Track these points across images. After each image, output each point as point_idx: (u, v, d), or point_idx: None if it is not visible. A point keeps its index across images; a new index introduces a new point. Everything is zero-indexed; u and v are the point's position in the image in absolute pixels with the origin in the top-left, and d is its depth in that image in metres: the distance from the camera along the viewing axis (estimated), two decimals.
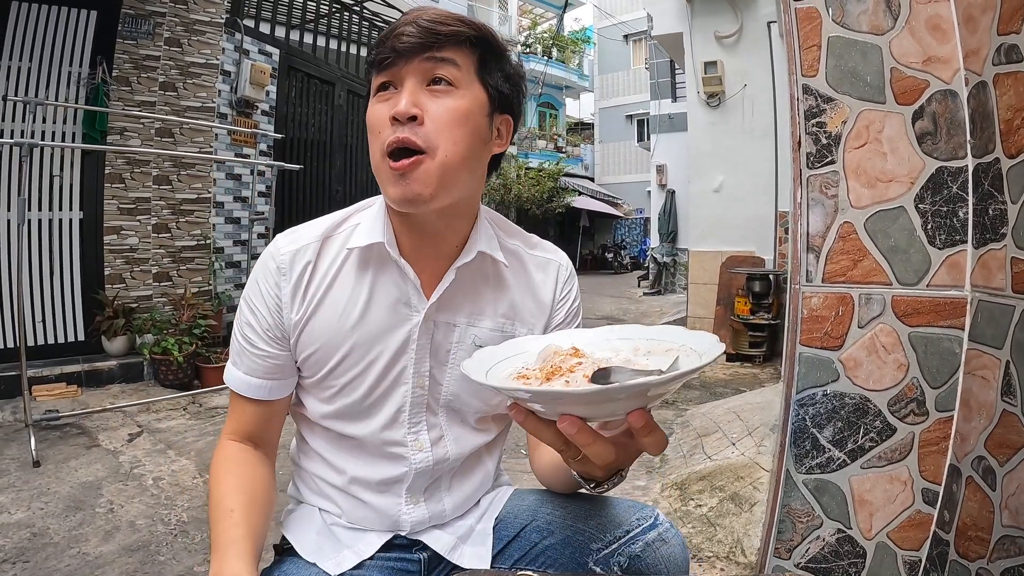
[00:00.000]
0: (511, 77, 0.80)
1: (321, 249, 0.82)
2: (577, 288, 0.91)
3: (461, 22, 0.75)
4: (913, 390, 1.17)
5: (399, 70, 0.74)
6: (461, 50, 0.75)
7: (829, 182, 1.18)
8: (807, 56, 1.18)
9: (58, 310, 4.06)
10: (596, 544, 0.80)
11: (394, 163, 0.71)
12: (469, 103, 0.74)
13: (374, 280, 0.81)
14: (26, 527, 2.08)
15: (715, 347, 0.59)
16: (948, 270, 1.14)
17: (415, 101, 0.72)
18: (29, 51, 3.80)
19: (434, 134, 0.71)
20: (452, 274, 0.80)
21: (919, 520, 1.20)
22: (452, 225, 0.80)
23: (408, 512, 0.84)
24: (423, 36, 0.72)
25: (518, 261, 0.88)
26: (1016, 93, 0.99)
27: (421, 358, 0.81)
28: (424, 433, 0.83)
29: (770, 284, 5.13)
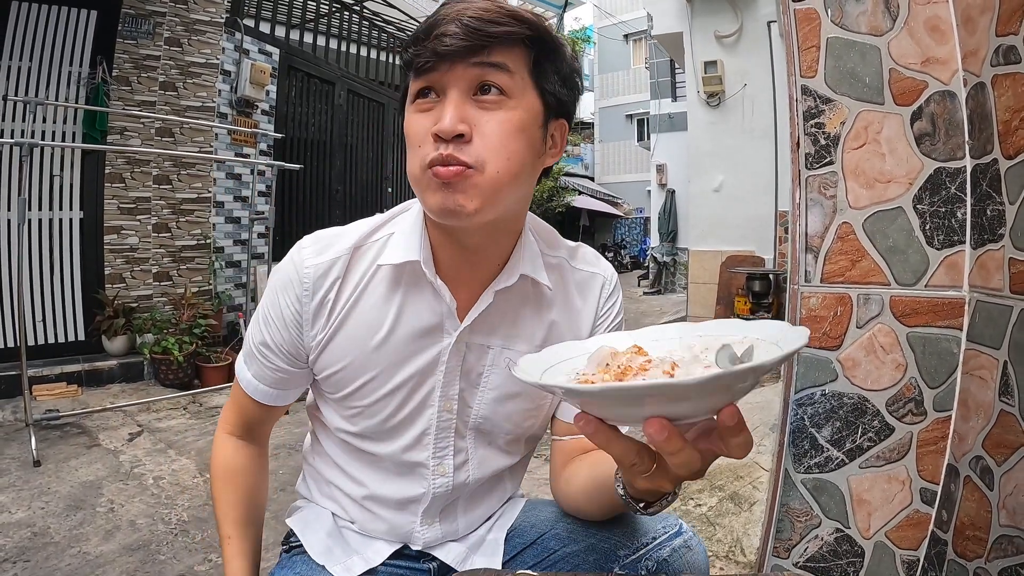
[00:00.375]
0: (568, 78, 0.71)
1: (351, 262, 0.75)
2: (620, 300, 0.85)
3: (514, 18, 0.64)
4: (911, 390, 1.18)
5: (441, 76, 0.64)
6: (513, 52, 0.65)
7: (828, 183, 1.18)
8: (806, 57, 1.18)
9: (58, 310, 4.06)
10: (623, 551, 0.78)
11: (440, 169, 0.63)
12: (523, 114, 0.66)
13: (405, 298, 0.75)
14: (27, 526, 2.08)
15: (792, 333, 0.52)
16: (946, 270, 1.15)
17: (461, 115, 0.63)
18: (29, 51, 3.80)
19: (484, 152, 0.64)
20: (490, 297, 0.74)
21: (917, 519, 1.20)
22: (496, 241, 0.74)
23: (421, 531, 0.83)
24: (469, 37, 0.62)
25: (560, 278, 0.81)
26: (1014, 94, 1.00)
27: (450, 381, 0.76)
28: (449, 459, 0.80)
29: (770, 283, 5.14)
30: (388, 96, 6.80)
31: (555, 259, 0.82)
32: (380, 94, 6.68)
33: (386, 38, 7.06)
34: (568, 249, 0.84)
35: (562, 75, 0.70)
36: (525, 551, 0.84)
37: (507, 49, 0.65)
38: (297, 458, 2.86)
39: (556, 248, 0.83)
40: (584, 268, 0.83)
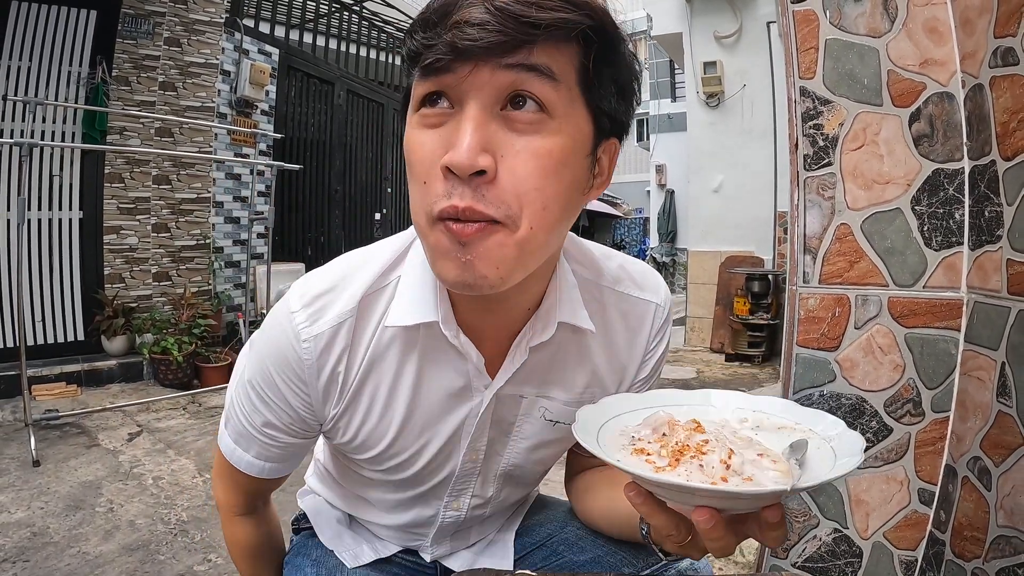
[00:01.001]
0: (628, 87, 0.54)
1: (358, 323, 0.61)
2: (670, 329, 0.73)
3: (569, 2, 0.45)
4: (909, 391, 1.18)
5: (458, 80, 0.46)
6: (561, 51, 0.47)
7: (826, 184, 1.19)
8: (804, 58, 1.18)
9: (58, 310, 4.06)
10: (628, 569, 0.74)
11: (454, 226, 0.47)
12: (567, 141, 0.49)
13: (424, 360, 0.62)
14: (26, 526, 2.08)
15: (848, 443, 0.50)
16: (944, 272, 1.15)
17: (483, 140, 0.46)
18: (29, 51, 3.80)
19: (514, 199, 0.47)
20: (524, 353, 0.62)
21: (915, 520, 1.20)
22: (526, 290, 0.59)
23: (431, 549, 0.81)
24: (505, 28, 0.43)
25: (602, 308, 0.67)
26: (1012, 96, 1.00)
27: (479, 435, 0.67)
28: (466, 498, 0.74)
29: (769, 284, 5.14)
30: (387, 96, 6.80)
31: (597, 285, 0.68)
32: (379, 94, 6.68)
33: (385, 38, 7.06)
34: (611, 271, 0.69)
35: (620, 84, 0.53)
36: (534, 552, 0.83)
37: (553, 46, 0.46)
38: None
39: (600, 274, 0.69)
40: (632, 294, 0.69)
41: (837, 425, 0.54)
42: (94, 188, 4.12)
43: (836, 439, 0.52)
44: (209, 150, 4.57)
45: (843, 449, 0.50)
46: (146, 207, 4.32)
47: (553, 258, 0.61)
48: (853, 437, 0.51)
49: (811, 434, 0.54)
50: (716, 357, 5.66)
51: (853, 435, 0.51)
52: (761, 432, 0.56)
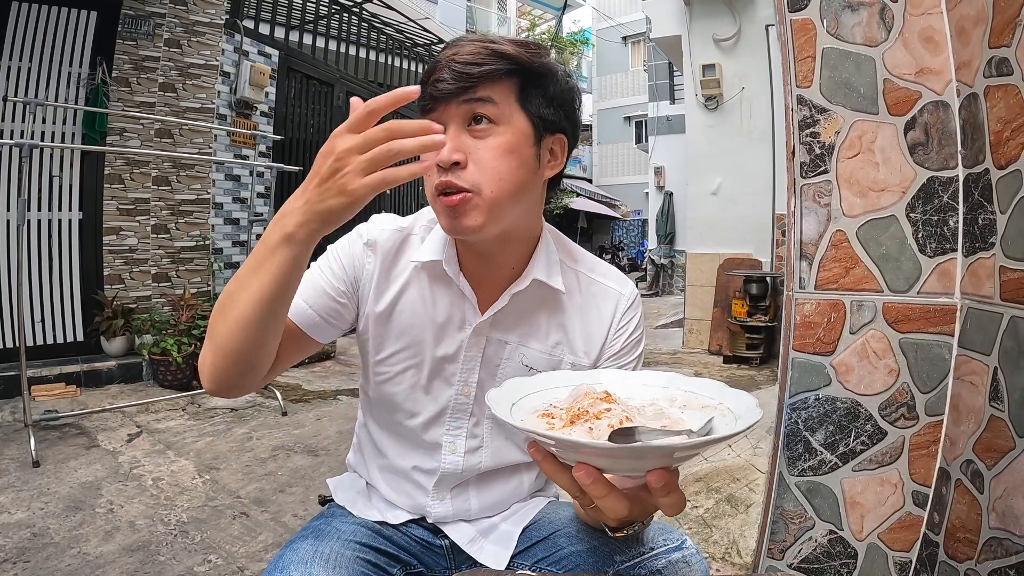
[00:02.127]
0: (557, 97, 0.79)
1: (402, 244, 0.87)
2: (639, 319, 0.91)
3: (496, 56, 0.73)
4: (904, 395, 1.20)
5: (440, 115, 0.74)
6: (497, 85, 0.74)
7: (822, 191, 1.20)
8: (802, 67, 1.20)
9: (57, 310, 4.06)
10: (620, 556, 0.80)
11: (445, 199, 0.73)
12: (511, 137, 0.74)
13: (437, 289, 0.85)
14: (26, 527, 2.09)
15: (753, 412, 0.57)
16: (938, 278, 1.16)
17: (456, 146, 0.73)
18: (29, 51, 3.80)
19: (478, 175, 0.73)
20: (505, 299, 0.83)
21: (909, 522, 1.22)
22: (508, 249, 0.83)
23: (433, 505, 0.89)
24: (457, 80, 0.72)
25: (578, 288, 0.89)
26: (1006, 105, 1.01)
27: (470, 368, 0.85)
28: (461, 439, 0.88)
29: (767, 286, 5.16)
30: None
31: (575, 270, 0.89)
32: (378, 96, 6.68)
33: (385, 40, 7.07)
34: (590, 264, 0.91)
35: (549, 96, 0.77)
36: (536, 545, 0.88)
37: (492, 84, 0.73)
38: (295, 460, 2.87)
39: (577, 261, 0.91)
40: (603, 281, 0.90)
41: (752, 403, 0.59)
42: (94, 189, 4.12)
43: (745, 415, 0.57)
44: (209, 151, 4.57)
45: (743, 417, 0.57)
46: (146, 208, 4.32)
47: (531, 231, 0.84)
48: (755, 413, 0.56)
49: (725, 410, 0.61)
50: (714, 359, 5.68)
51: (757, 411, 0.56)
52: (687, 410, 0.63)
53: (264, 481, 2.62)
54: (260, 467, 2.78)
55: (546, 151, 0.79)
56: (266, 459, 2.89)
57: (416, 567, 0.89)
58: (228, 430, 3.28)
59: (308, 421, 3.49)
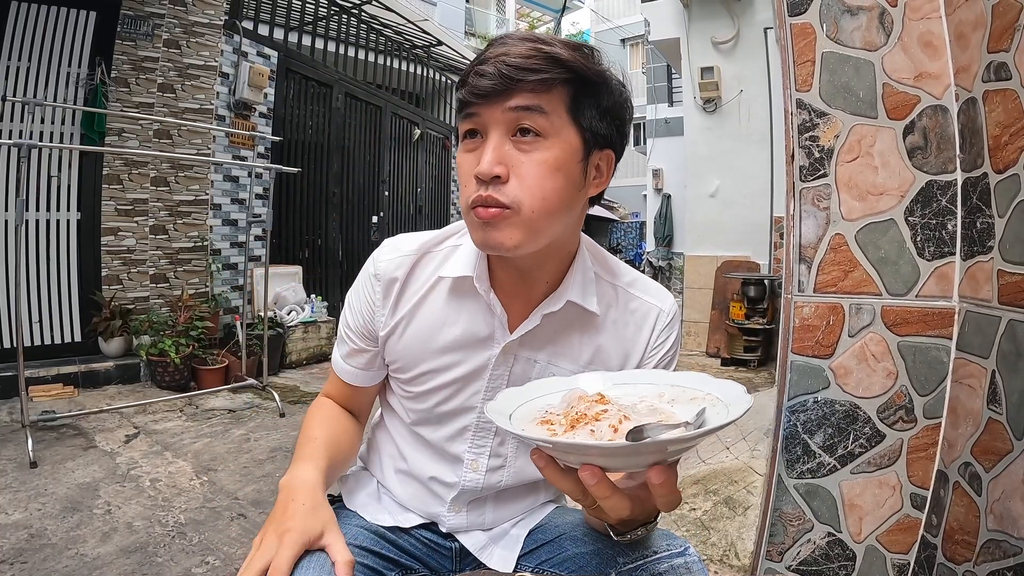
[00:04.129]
0: (610, 110, 0.72)
1: (415, 266, 0.83)
2: (677, 334, 0.87)
3: (549, 60, 0.66)
4: (902, 397, 1.20)
5: (482, 119, 0.69)
6: (549, 94, 0.67)
7: (821, 195, 1.21)
8: (801, 71, 1.20)
9: (55, 310, 4.06)
10: (623, 559, 0.80)
11: (480, 211, 0.68)
12: (559, 153, 0.68)
13: (463, 306, 0.81)
14: (23, 528, 2.08)
15: (742, 399, 0.57)
16: (937, 281, 1.17)
17: (498, 158, 0.67)
18: (28, 51, 3.80)
19: (519, 192, 0.67)
20: (537, 319, 0.79)
21: (907, 524, 1.22)
22: (543, 265, 0.78)
23: (448, 517, 0.88)
24: (504, 83, 0.65)
25: (615, 304, 0.84)
26: (1004, 110, 1.02)
27: (497, 386, 0.81)
28: (484, 458, 0.86)
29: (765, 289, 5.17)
30: (385, 99, 6.82)
31: (612, 285, 0.85)
32: (378, 97, 6.69)
33: (384, 41, 7.07)
34: (630, 277, 0.87)
35: (603, 108, 0.71)
36: (541, 548, 0.88)
37: (543, 91, 0.67)
38: None
39: (616, 275, 0.86)
40: (642, 296, 0.85)
41: (740, 391, 0.60)
42: (92, 189, 4.12)
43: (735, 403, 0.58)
44: (207, 152, 4.57)
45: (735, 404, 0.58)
46: (144, 209, 4.32)
47: (568, 247, 0.79)
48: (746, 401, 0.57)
49: (714, 399, 0.61)
50: (712, 361, 5.69)
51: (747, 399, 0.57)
52: (676, 404, 0.63)
53: (262, 482, 2.61)
54: (258, 468, 2.78)
55: (592, 167, 0.73)
56: (264, 460, 2.88)
57: (418, 570, 0.89)
58: (226, 431, 3.28)
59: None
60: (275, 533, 0.65)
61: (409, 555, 0.89)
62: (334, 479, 0.85)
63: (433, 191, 8.08)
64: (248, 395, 3.97)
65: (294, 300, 4.99)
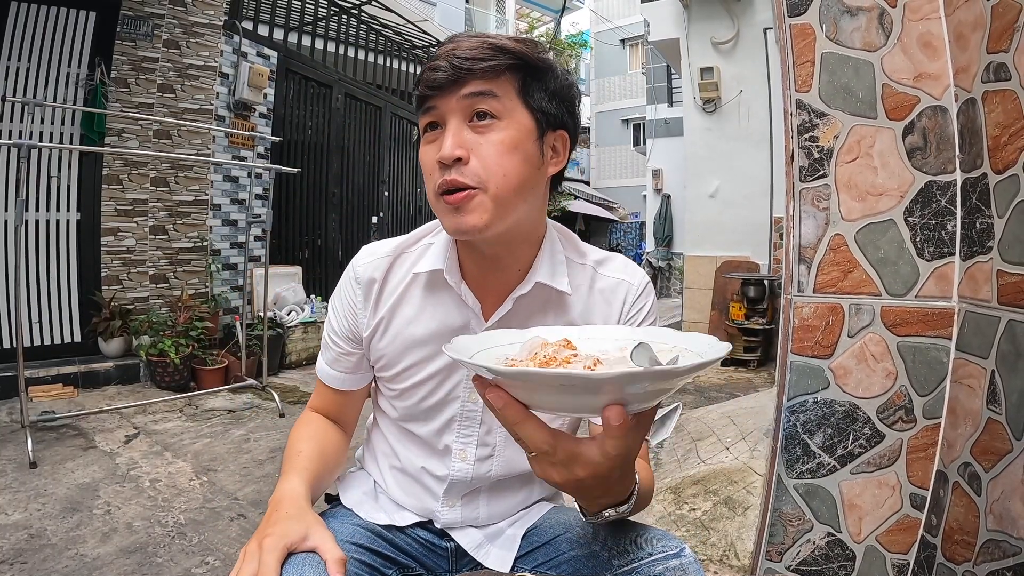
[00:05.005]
0: (558, 93, 0.77)
1: (391, 267, 0.86)
2: (651, 306, 0.89)
3: (495, 50, 0.72)
4: (901, 398, 1.20)
5: (440, 110, 0.73)
6: (499, 80, 0.73)
7: (821, 195, 1.21)
8: (801, 72, 1.21)
9: (55, 311, 4.06)
10: (618, 561, 0.80)
11: (448, 197, 0.72)
12: (514, 132, 0.73)
13: (438, 300, 0.84)
14: (23, 528, 2.08)
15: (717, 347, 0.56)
16: (936, 282, 1.17)
17: (458, 142, 0.71)
18: (28, 51, 3.81)
19: (482, 171, 0.71)
20: (509, 304, 0.81)
21: (907, 524, 1.22)
22: (513, 251, 0.81)
23: (442, 512, 0.89)
24: (456, 74, 0.71)
25: (587, 283, 0.87)
26: (1004, 110, 1.02)
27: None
28: (471, 447, 0.87)
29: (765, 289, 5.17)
30: (385, 99, 6.82)
31: (583, 265, 0.87)
32: (377, 98, 6.69)
33: (383, 42, 7.08)
34: (598, 257, 0.89)
35: (550, 91, 0.76)
36: (538, 549, 0.88)
37: (492, 78, 0.72)
38: None
39: (584, 255, 0.89)
40: (611, 275, 0.88)
41: (711, 341, 0.58)
42: (92, 190, 4.12)
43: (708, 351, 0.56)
44: (207, 152, 4.57)
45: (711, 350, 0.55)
46: (144, 209, 4.32)
47: (536, 229, 0.83)
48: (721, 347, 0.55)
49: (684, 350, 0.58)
50: None
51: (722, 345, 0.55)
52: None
53: (262, 483, 2.61)
54: (258, 469, 2.78)
55: (548, 147, 0.78)
56: (264, 461, 2.88)
57: (415, 569, 0.89)
58: (226, 432, 3.28)
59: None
60: (256, 541, 0.66)
61: (405, 554, 0.89)
62: (321, 491, 0.87)
63: None
64: (248, 395, 3.97)
65: (294, 300, 4.99)
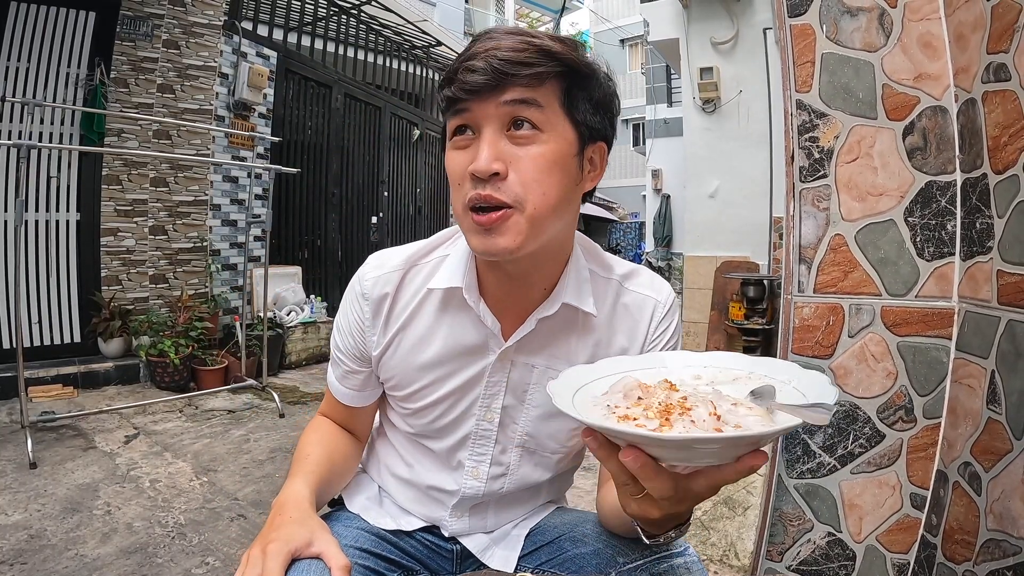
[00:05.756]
0: (601, 102, 0.71)
1: (403, 280, 0.80)
2: (676, 324, 0.84)
3: (541, 53, 0.64)
4: (901, 397, 1.20)
5: (474, 114, 0.66)
6: (543, 87, 0.65)
7: (821, 195, 1.21)
8: (801, 72, 1.21)
9: (54, 311, 4.05)
10: (622, 558, 0.79)
11: (478, 216, 0.65)
12: (556, 146, 0.66)
13: (454, 318, 0.79)
14: (23, 529, 2.08)
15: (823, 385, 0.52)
16: (936, 282, 1.17)
17: (496, 154, 0.64)
18: (28, 52, 3.80)
19: (520, 188, 0.65)
20: (532, 324, 0.76)
21: (907, 524, 1.22)
22: (540, 268, 0.75)
23: (450, 522, 0.88)
24: (496, 77, 0.63)
25: (612, 300, 0.82)
26: (1004, 110, 1.02)
27: (494, 394, 0.80)
28: (484, 466, 0.84)
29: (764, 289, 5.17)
30: (385, 100, 6.81)
31: (607, 279, 0.82)
32: (377, 98, 6.69)
33: (383, 42, 7.07)
34: (624, 271, 0.84)
35: (595, 101, 0.70)
36: (542, 548, 0.88)
37: (537, 85, 0.65)
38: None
39: (610, 270, 0.83)
40: (637, 291, 0.83)
41: (791, 369, 0.55)
42: (91, 190, 4.12)
43: (797, 381, 0.54)
44: (207, 153, 4.57)
45: (810, 389, 0.52)
46: (143, 209, 4.32)
47: (565, 246, 0.77)
48: (815, 376, 0.52)
49: (768, 379, 0.55)
50: None
51: (814, 374, 0.53)
52: (719, 385, 0.58)
53: (262, 483, 2.61)
54: (258, 469, 2.78)
55: (587, 161, 0.72)
56: (264, 461, 2.88)
57: (419, 572, 0.89)
58: (226, 432, 3.28)
59: (306, 423, 3.48)
60: (259, 546, 0.64)
61: (410, 557, 0.89)
62: (328, 496, 0.85)
63: (432, 192, 8.08)
64: (248, 396, 3.97)
65: (293, 300, 4.99)
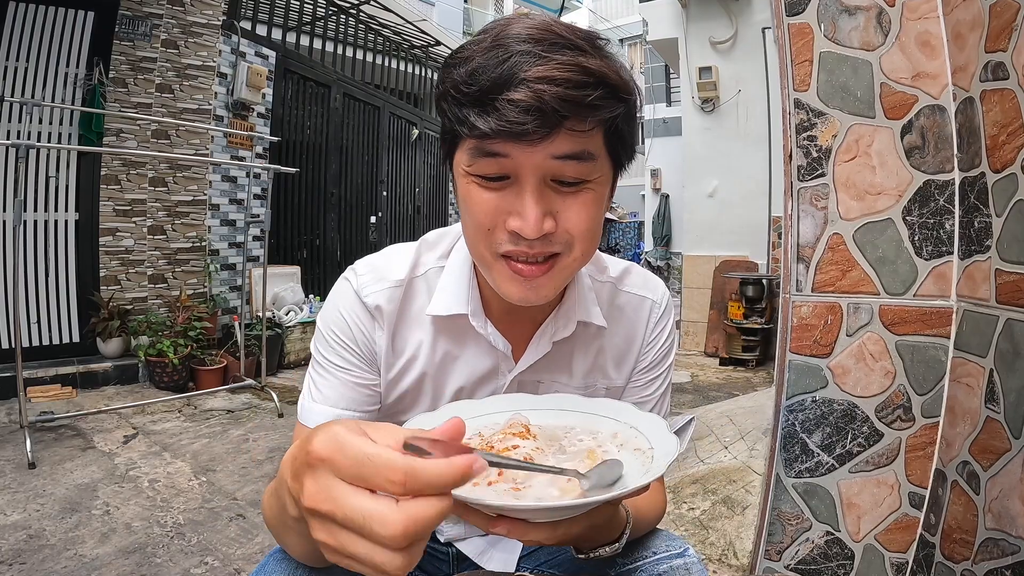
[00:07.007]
0: (634, 130, 0.64)
1: (404, 300, 0.72)
2: (671, 325, 0.82)
3: (605, 89, 0.53)
4: (900, 397, 1.20)
5: (514, 163, 0.55)
6: (594, 132, 0.56)
7: (819, 194, 1.21)
8: (799, 71, 1.21)
9: (53, 311, 4.05)
10: (622, 559, 0.78)
11: (521, 267, 0.59)
12: (602, 189, 0.61)
13: (461, 344, 0.74)
14: (22, 529, 2.08)
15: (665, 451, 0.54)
16: (934, 281, 1.17)
17: (544, 210, 0.57)
18: (26, 52, 3.79)
19: (569, 236, 0.59)
20: (548, 346, 0.73)
21: (906, 523, 1.23)
22: None
23: (446, 528, 0.88)
24: (550, 123, 0.51)
25: (609, 302, 0.79)
26: (1002, 109, 1.02)
27: None
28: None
29: (763, 289, 5.18)
30: (383, 99, 6.81)
31: (603, 283, 0.80)
32: (376, 97, 6.68)
33: (382, 42, 7.07)
34: (617, 272, 0.81)
35: (632, 131, 0.62)
36: (541, 549, 0.88)
37: (590, 129, 0.55)
38: None
39: (604, 272, 0.81)
40: (632, 291, 0.80)
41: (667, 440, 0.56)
42: (90, 190, 4.11)
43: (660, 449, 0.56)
44: (206, 152, 4.56)
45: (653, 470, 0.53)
46: (142, 209, 4.31)
47: None
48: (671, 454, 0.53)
49: (651, 455, 0.57)
50: (710, 361, 5.69)
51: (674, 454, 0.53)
52: (623, 451, 0.59)
53: (261, 483, 2.61)
54: (256, 469, 2.78)
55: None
56: (263, 461, 2.88)
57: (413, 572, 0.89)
58: (224, 432, 3.27)
59: None
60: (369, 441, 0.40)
61: None
62: None
63: (431, 191, 8.08)
64: (246, 395, 3.96)
65: (292, 300, 4.99)
